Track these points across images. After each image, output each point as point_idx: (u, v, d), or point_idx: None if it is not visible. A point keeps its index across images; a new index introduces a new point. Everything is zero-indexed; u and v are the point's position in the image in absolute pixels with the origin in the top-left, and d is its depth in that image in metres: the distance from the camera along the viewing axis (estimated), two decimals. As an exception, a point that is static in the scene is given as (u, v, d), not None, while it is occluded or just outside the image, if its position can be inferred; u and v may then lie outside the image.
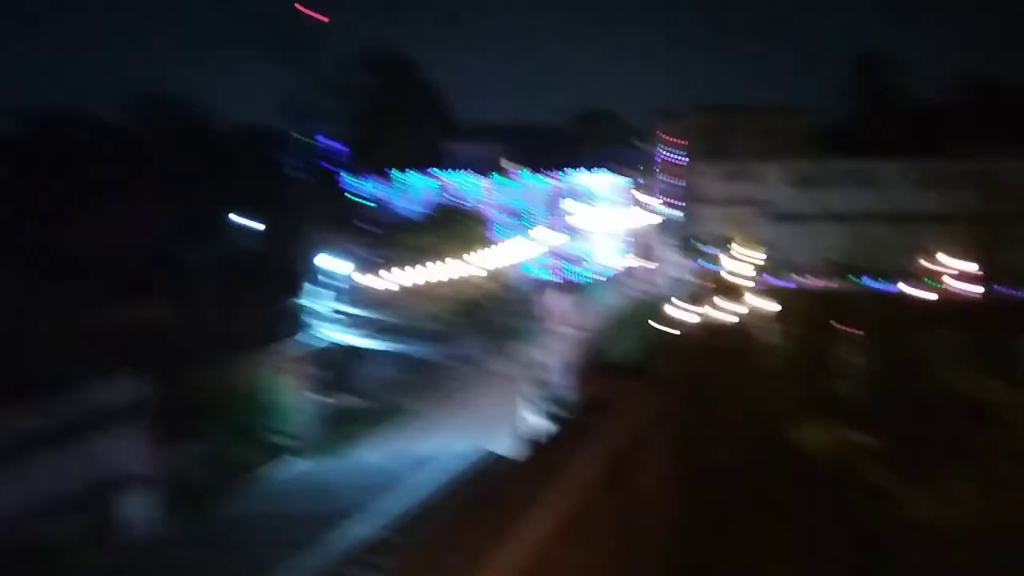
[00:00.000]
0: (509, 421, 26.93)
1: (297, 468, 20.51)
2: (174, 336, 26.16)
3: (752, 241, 19.15)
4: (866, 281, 17.36)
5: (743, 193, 27.37)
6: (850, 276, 17.48)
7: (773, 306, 13.20)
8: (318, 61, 55.29)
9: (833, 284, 17.16)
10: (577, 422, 3.56)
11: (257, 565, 11.40)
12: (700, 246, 28.94)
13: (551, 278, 42.89)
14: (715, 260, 26.13)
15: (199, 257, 25.79)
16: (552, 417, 24.18)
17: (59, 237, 30.25)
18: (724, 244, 22.68)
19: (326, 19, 56.81)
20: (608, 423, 3.20)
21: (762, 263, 17.56)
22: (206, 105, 44.43)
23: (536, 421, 24.76)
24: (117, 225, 31.75)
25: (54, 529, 16.22)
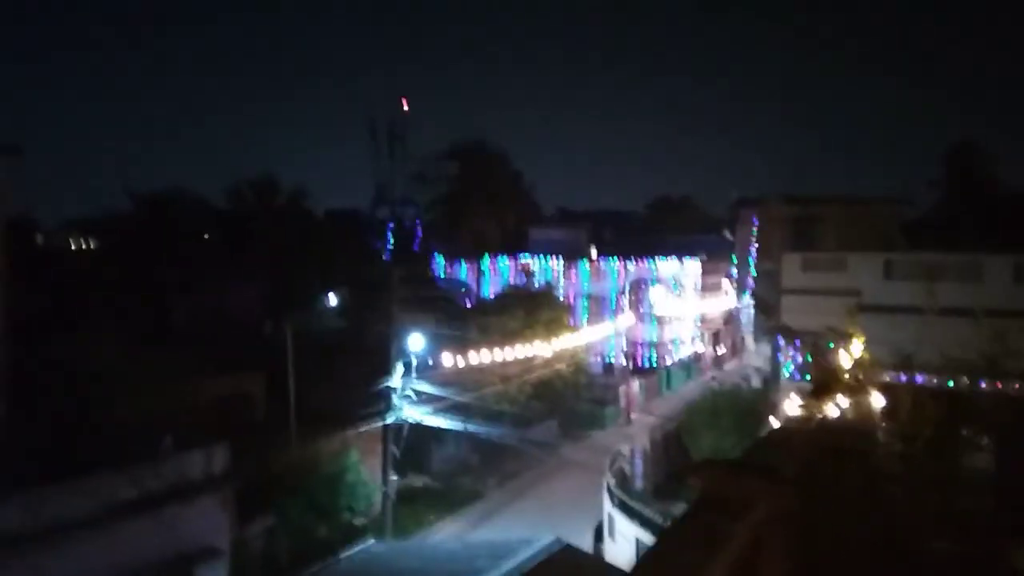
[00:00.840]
0: (584, 511, 26.25)
1: (372, 549, 20.39)
2: (261, 410, 26.89)
3: (850, 334, 18.49)
4: (981, 381, 16.42)
5: (832, 284, 26.61)
6: (965, 374, 16.55)
7: (881, 402, 12.57)
8: (408, 149, 58.08)
9: (945, 382, 16.24)
10: (692, 521, 3.43)
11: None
12: (786, 338, 28.15)
13: (630, 364, 42.36)
14: (808, 352, 25.32)
15: (290, 333, 26.67)
16: (628, 509, 23.50)
17: (161, 309, 31.90)
18: (821, 337, 21.97)
19: (406, 109, 59.55)
20: (729, 524, 3.08)
21: (863, 357, 16.87)
22: (302, 188, 46.81)
23: (614, 512, 24.04)
24: (216, 300, 33.36)
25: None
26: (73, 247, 47.82)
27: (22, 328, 21.63)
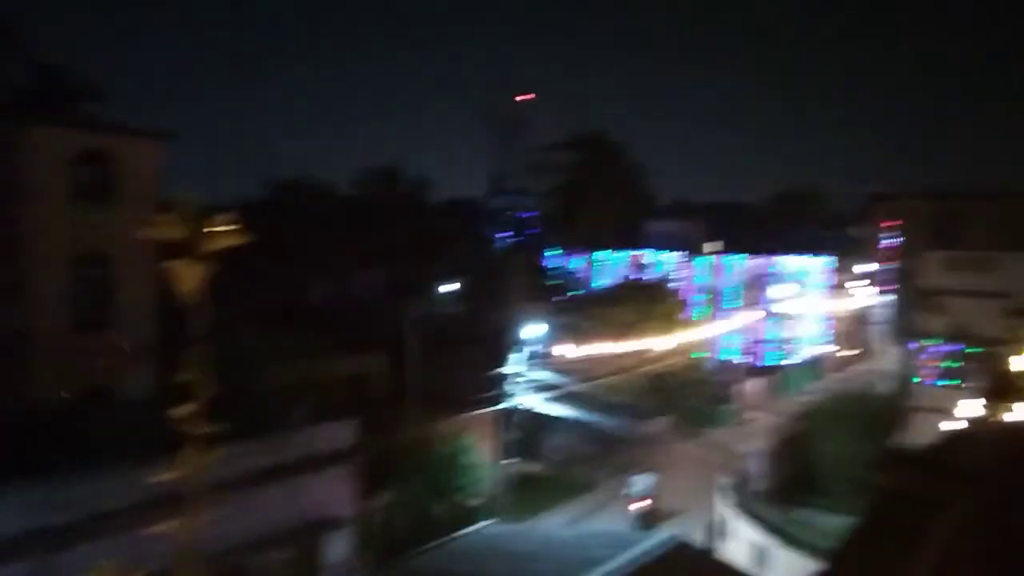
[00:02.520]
0: (696, 509, 25.69)
1: (487, 531, 20.80)
2: (383, 390, 27.91)
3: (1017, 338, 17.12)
4: None
5: (979, 285, 24.73)
6: None
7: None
8: (525, 139, 58.42)
9: None
10: (885, 519, 3.24)
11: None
12: (925, 338, 26.41)
13: (748, 361, 41.04)
14: (965, 358, 23.65)
15: (408, 317, 27.54)
16: (745, 510, 22.80)
17: (295, 291, 33.63)
18: (990, 343, 20.49)
19: (533, 96, 59.85)
20: (923, 523, 2.90)
21: None
22: (422, 177, 48.10)
23: (728, 512, 23.41)
24: (343, 284, 34.90)
25: (265, 561, 17.42)
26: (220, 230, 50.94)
27: (174, 303, 23.32)
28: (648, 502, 24.97)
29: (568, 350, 28.89)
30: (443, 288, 40.16)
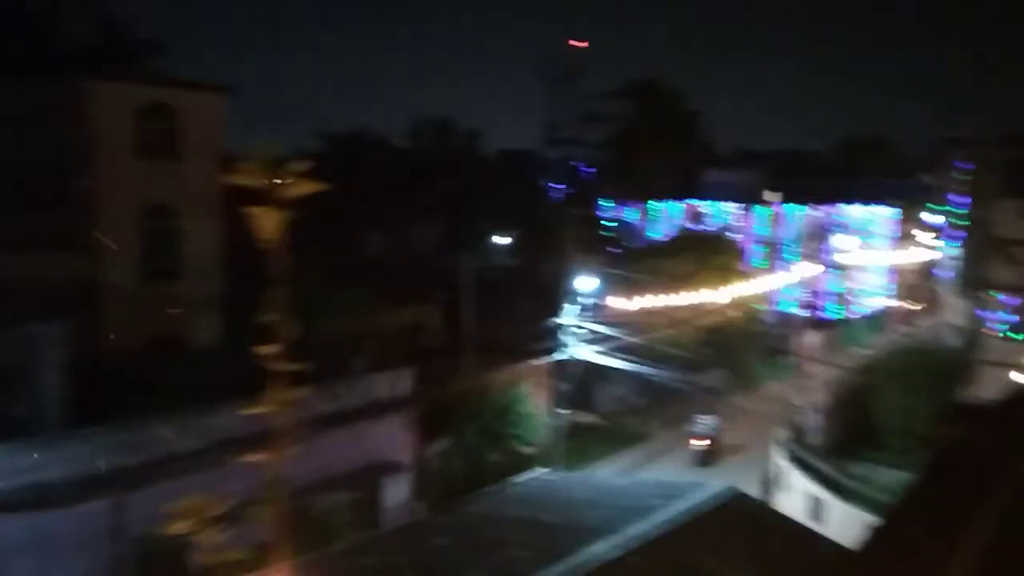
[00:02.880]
0: (751, 460, 25.64)
1: (540, 477, 21.14)
2: (438, 341, 28.34)
3: None
4: None
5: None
6: None
7: None
8: (579, 89, 57.42)
9: None
10: (951, 472, 3.16)
11: (513, 567, 11.87)
12: (995, 290, 25.38)
13: (808, 314, 40.18)
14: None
15: (462, 269, 27.75)
16: (803, 463, 22.64)
17: (352, 243, 34.15)
18: None
19: (586, 43, 58.66)
20: (991, 477, 2.81)
21: None
22: (476, 129, 47.84)
23: (786, 465, 23.28)
24: (399, 236, 35.24)
25: (328, 501, 18.13)
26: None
27: (238, 254, 23.96)
28: (708, 442, 27.01)
29: (622, 302, 28.73)
30: (496, 240, 40.22)
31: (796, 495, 22.09)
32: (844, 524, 18.23)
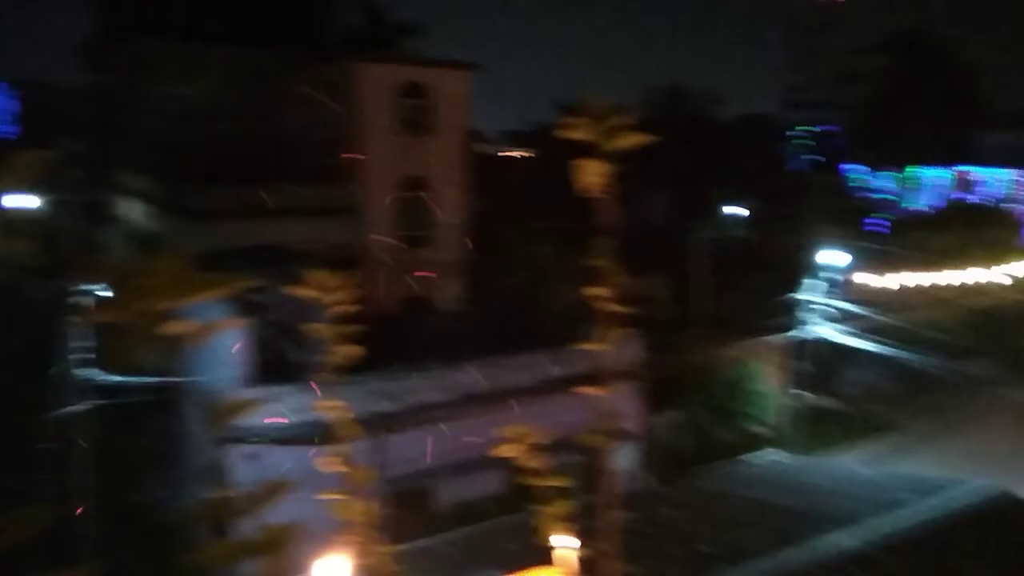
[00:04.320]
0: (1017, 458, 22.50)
1: (773, 459, 20.31)
2: (667, 312, 28.05)
3: None
4: None
5: None
6: None
7: None
8: (827, 46, 52.97)
9: None
10: None
11: (744, 546, 11.56)
12: None
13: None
14: None
15: (694, 240, 27.07)
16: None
17: (582, 212, 34.69)
18: None
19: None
20: None
21: None
22: (712, 94, 46.04)
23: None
24: (629, 205, 35.22)
25: (558, 462, 18.85)
26: (513, 156, 53.96)
27: (477, 223, 25.44)
28: None
29: (873, 279, 26.38)
30: (730, 210, 38.63)
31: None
32: None
